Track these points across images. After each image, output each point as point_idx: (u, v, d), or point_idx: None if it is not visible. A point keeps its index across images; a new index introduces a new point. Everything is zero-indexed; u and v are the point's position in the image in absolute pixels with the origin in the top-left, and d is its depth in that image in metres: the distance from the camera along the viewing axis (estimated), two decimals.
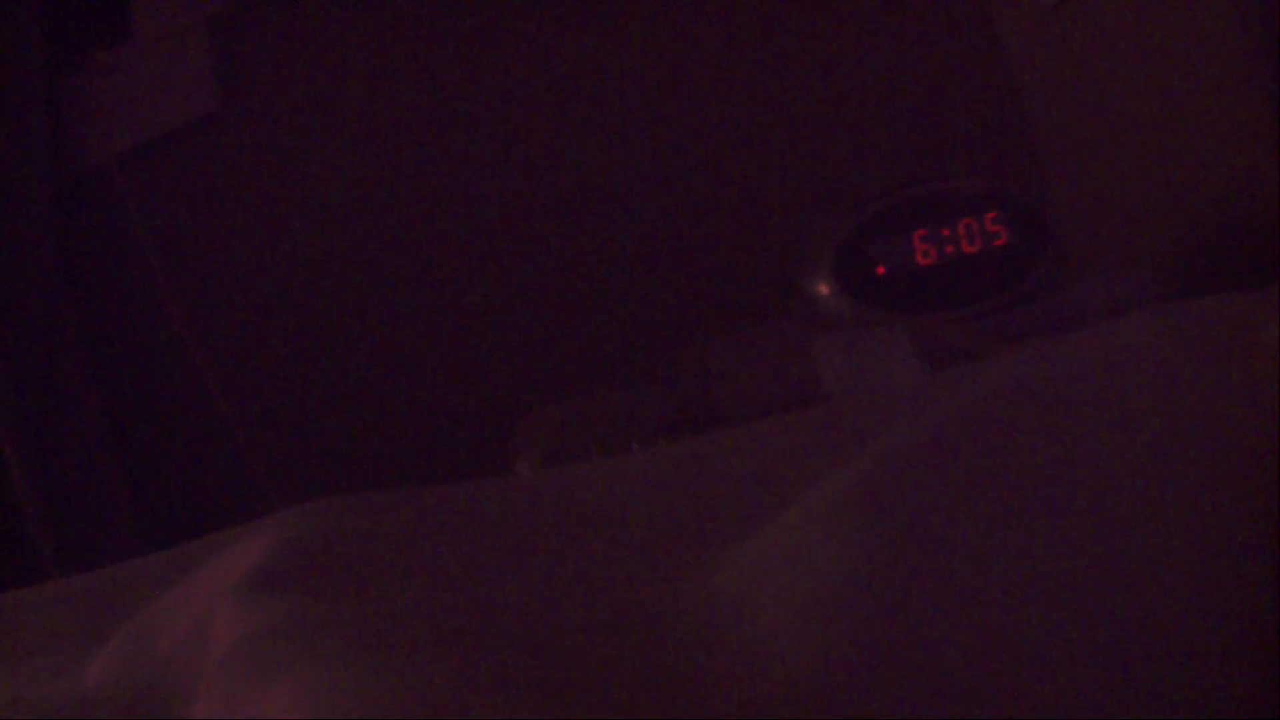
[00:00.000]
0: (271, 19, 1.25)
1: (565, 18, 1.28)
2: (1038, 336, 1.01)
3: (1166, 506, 0.50)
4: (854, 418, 0.66)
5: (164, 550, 0.71)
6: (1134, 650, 0.45)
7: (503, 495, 0.69)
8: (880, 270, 1.04)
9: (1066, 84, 1.30)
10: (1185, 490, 0.50)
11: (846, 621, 0.43)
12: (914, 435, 0.53)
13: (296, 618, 0.52)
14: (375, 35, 1.27)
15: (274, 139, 1.25)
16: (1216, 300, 0.67)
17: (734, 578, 0.49)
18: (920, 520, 0.47)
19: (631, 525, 0.61)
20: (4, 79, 1.20)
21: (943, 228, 1.04)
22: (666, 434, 0.93)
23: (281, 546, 0.59)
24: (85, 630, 0.63)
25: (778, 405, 0.91)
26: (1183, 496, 0.50)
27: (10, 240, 1.18)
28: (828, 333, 0.88)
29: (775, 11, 1.32)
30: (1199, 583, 0.47)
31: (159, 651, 0.57)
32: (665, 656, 0.44)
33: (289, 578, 0.56)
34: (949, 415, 0.55)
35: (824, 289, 1.03)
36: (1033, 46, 1.33)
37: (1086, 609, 0.46)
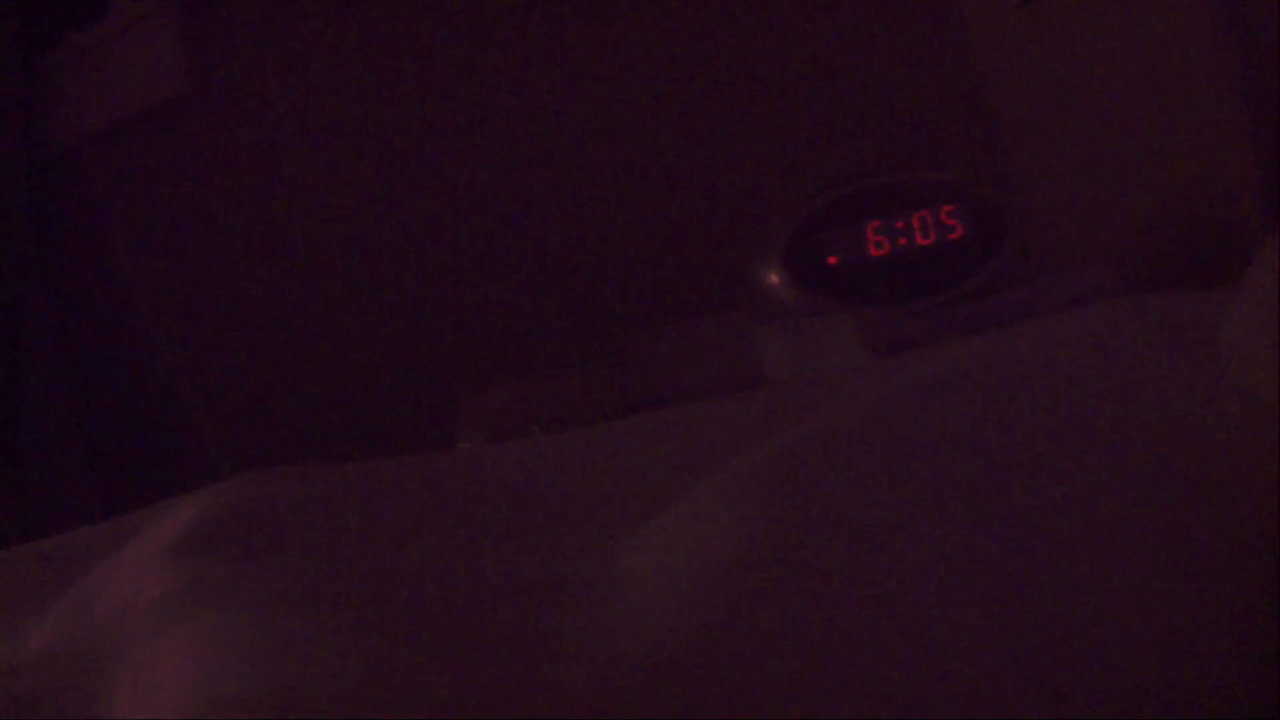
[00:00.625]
0: (242, 1, 1.26)
1: (529, 7, 1.28)
2: (992, 330, 1.00)
3: (1109, 498, 0.49)
4: (787, 402, 0.66)
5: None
6: (1057, 648, 0.44)
7: (436, 469, 0.69)
8: (831, 261, 1.03)
9: (1032, 80, 1.30)
10: (1132, 482, 0.49)
11: (721, 598, 0.42)
12: (832, 418, 0.52)
13: (207, 576, 0.52)
14: (344, 18, 1.27)
15: (242, 121, 1.25)
16: (1174, 295, 0.67)
17: (632, 551, 0.48)
18: (820, 503, 0.46)
19: (561, 501, 0.60)
20: None
21: (897, 219, 1.04)
22: (610, 416, 0.93)
23: (210, 512, 0.59)
24: (30, 598, 0.63)
25: (722, 393, 0.90)
26: (1129, 488, 0.49)
27: None
28: (772, 322, 0.87)
29: (740, 1, 1.31)
30: (1136, 574, 0.46)
31: (97, 616, 0.58)
32: (544, 624, 0.43)
33: (212, 541, 0.57)
34: (875, 400, 0.54)
35: (774, 278, 1.02)
36: (1000, 42, 1.33)
37: (1016, 604, 0.45)
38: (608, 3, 1.29)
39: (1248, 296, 0.58)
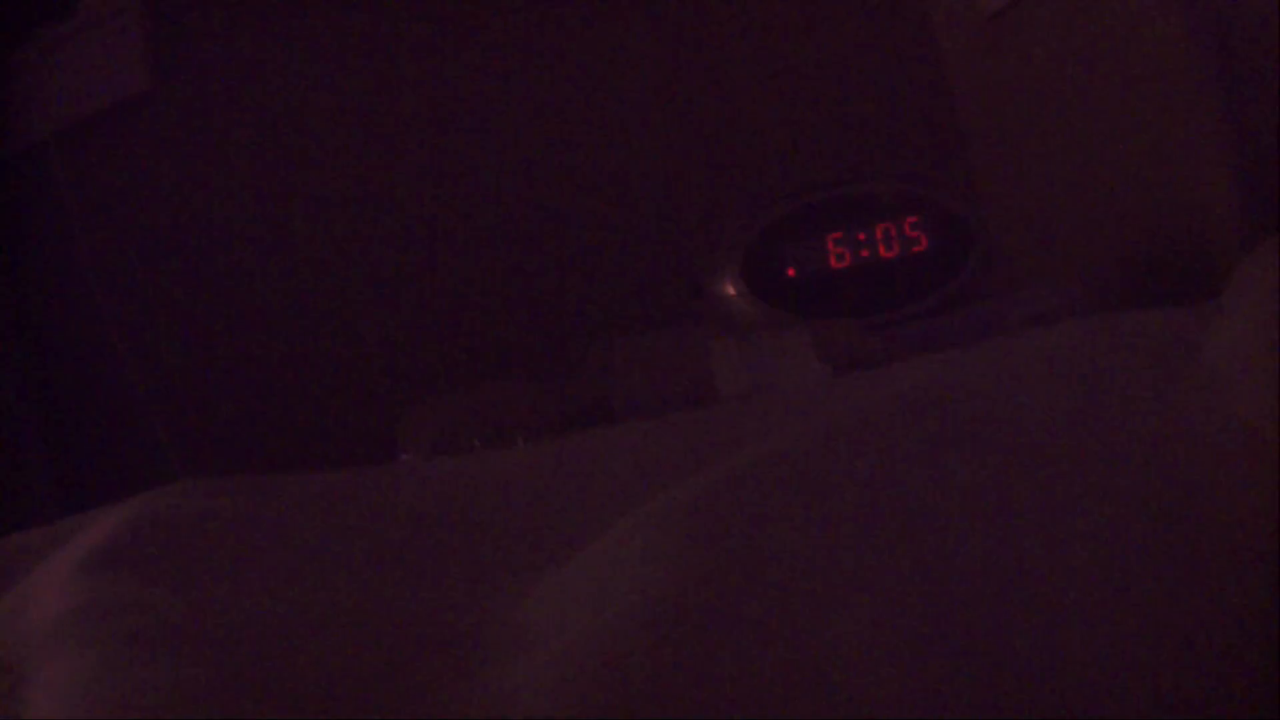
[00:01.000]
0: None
1: (485, 12, 1.26)
2: (956, 347, 0.97)
3: (1079, 532, 0.45)
4: (733, 425, 0.62)
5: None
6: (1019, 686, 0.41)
7: (367, 486, 0.66)
8: (790, 273, 0.99)
9: (1001, 92, 1.27)
10: (1107, 513, 0.46)
11: (625, 670, 0.38)
12: (771, 450, 0.48)
13: (103, 599, 0.51)
14: (307, 18, 1.25)
15: (204, 120, 1.23)
16: (1146, 313, 0.64)
17: (540, 601, 0.44)
18: (743, 557, 0.42)
19: (490, 528, 0.57)
20: None
21: (859, 231, 1.00)
22: (556, 431, 0.89)
23: (125, 527, 0.58)
24: None
25: (674, 408, 0.86)
26: (1103, 519, 0.46)
27: None
28: (726, 336, 0.83)
29: (702, 7, 1.28)
30: (1109, 621, 0.43)
31: (30, 623, 0.57)
32: (432, 680, 0.39)
33: (119, 559, 0.55)
34: (822, 427, 0.50)
35: (731, 290, 0.98)
36: (970, 54, 1.30)
37: (966, 662, 0.41)
38: (565, 8, 1.26)
39: (1233, 316, 0.54)
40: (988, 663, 0.41)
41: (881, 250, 1.00)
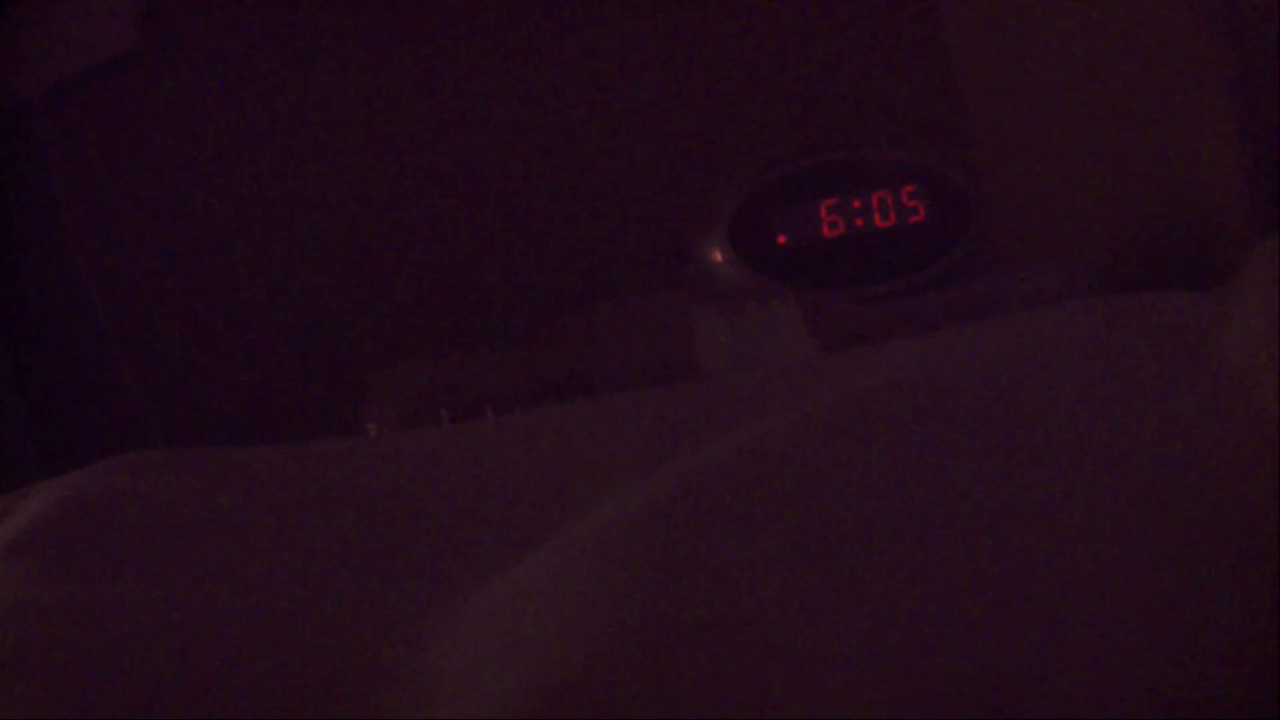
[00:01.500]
0: None
1: None
2: (951, 323, 0.92)
3: (1093, 528, 0.42)
4: (711, 406, 0.57)
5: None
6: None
7: (316, 463, 0.62)
8: (781, 240, 0.94)
9: (1005, 62, 1.23)
10: (1115, 510, 0.43)
11: (594, 685, 0.34)
12: (747, 439, 0.43)
13: (16, 590, 0.48)
14: None
15: (190, 79, 1.22)
16: (1152, 297, 0.60)
17: (459, 641, 0.40)
18: (717, 556, 0.38)
19: (436, 517, 0.53)
20: None
21: (854, 199, 0.95)
22: (529, 402, 0.84)
23: (51, 510, 0.55)
24: None
25: (656, 379, 0.82)
26: (1113, 516, 0.43)
27: None
28: (709, 306, 0.79)
29: None
30: (1134, 593, 0.41)
31: None
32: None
33: (41, 543, 0.52)
34: (803, 415, 0.46)
35: (718, 256, 0.93)
36: (972, 21, 1.26)
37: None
38: None
39: (1249, 307, 0.50)
40: (983, 668, 0.38)
41: (877, 219, 0.96)
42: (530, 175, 1.21)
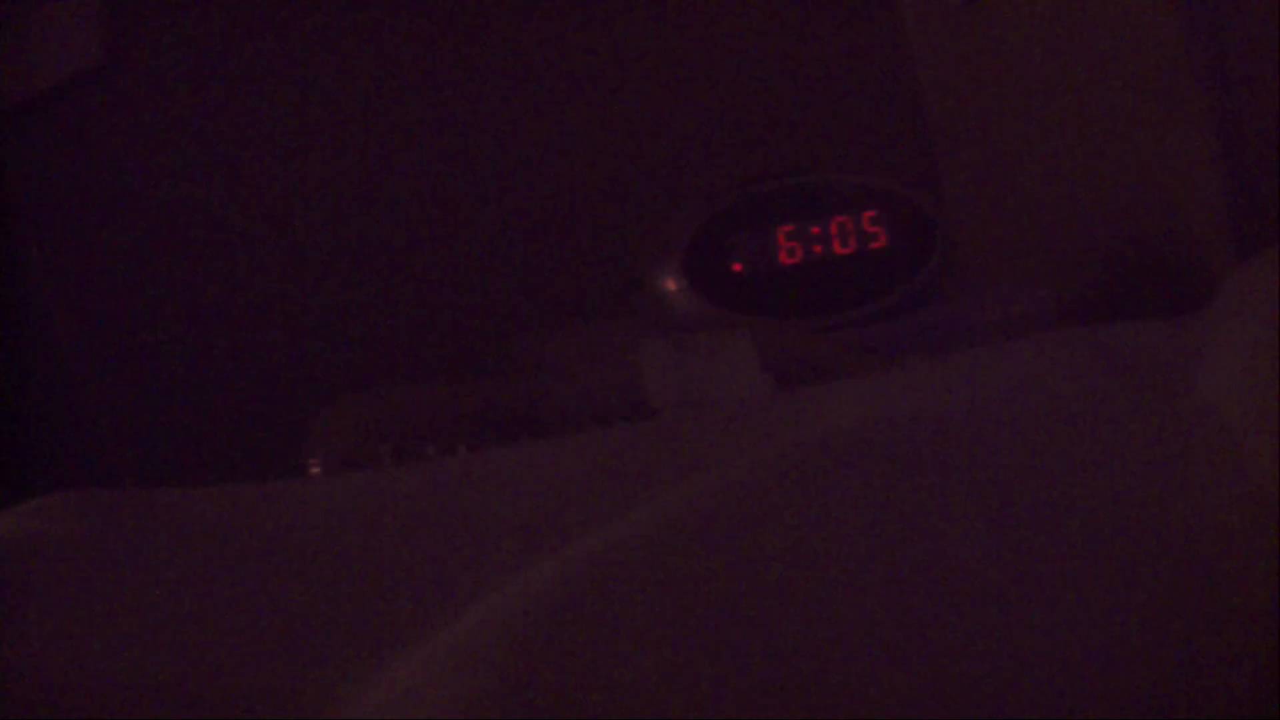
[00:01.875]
0: None
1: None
2: (914, 353, 0.89)
3: (1072, 593, 0.40)
4: (658, 451, 0.53)
5: None
6: None
7: (245, 510, 0.59)
8: (737, 268, 0.91)
9: (973, 83, 1.20)
10: (1096, 572, 0.40)
11: None
12: (693, 496, 0.40)
13: None
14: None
15: (157, 95, 1.19)
16: (1132, 328, 0.58)
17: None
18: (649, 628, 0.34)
19: (362, 577, 0.50)
20: None
21: (812, 224, 0.92)
22: (476, 440, 0.80)
23: None
24: None
25: (607, 413, 0.78)
26: (1093, 580, 0.40)
27: None
28: (658, 337, 0.75)
29: None
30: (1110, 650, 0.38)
31: None
32: None
33: None
34: (757, 466, 0.42)
35: (671, 285, 0.90)
36: (939, 42, 1.23)
37: None
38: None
39: (1228, 344, 0.47)
40: None
41: (836, 246, 0.92)
42: (477, 201, 1.17)
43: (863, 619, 0.37)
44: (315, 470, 0.89)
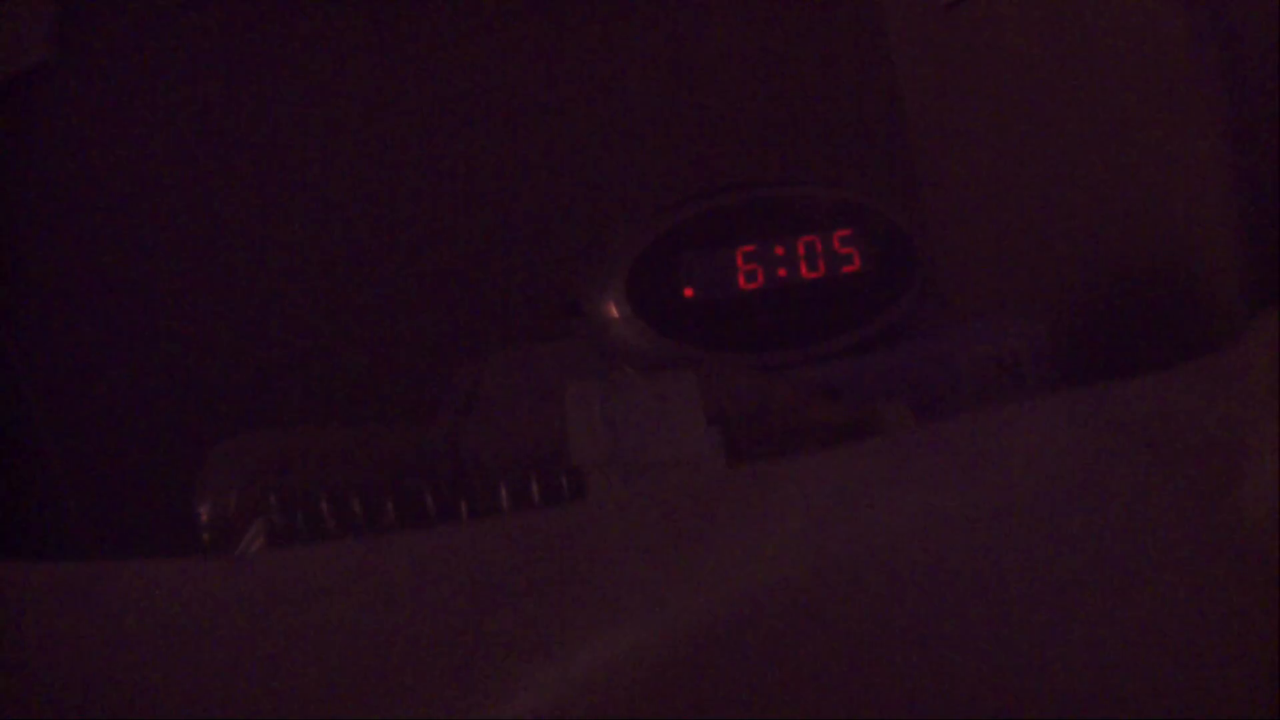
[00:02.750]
0: None
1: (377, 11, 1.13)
2: (890, 392, 0.78)
3: None
4: (564, 557, 0.43)
5: None
6: None
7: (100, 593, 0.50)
8: (689, 293, 0.79)
9: (958, 92, 1.11)
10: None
11: None
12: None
13: None
14: None
15: (107, 91, 1.15)
16: (1147, 389, 0.50)
17: None
18: None
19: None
20: None
21: (776, 245, 0.80)
22: (382, 492, 0.69)
23: None
24: None
25: (528, 459, 0.66)
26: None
27: None
28: (585, 378, 0.63)
29: None
30: None
31: None
32: None
33: None
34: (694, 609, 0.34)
35: (613, 312, 0.78)
36: (921, 46, 1.15)
37: None
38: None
39: (1265, 440, 0.40)
40: None
41: (804, 269, 0.81)
42: (398, 210, 1.07)
43: None
44: (205, 518, 0.78)
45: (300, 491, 0.69)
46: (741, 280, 0.79)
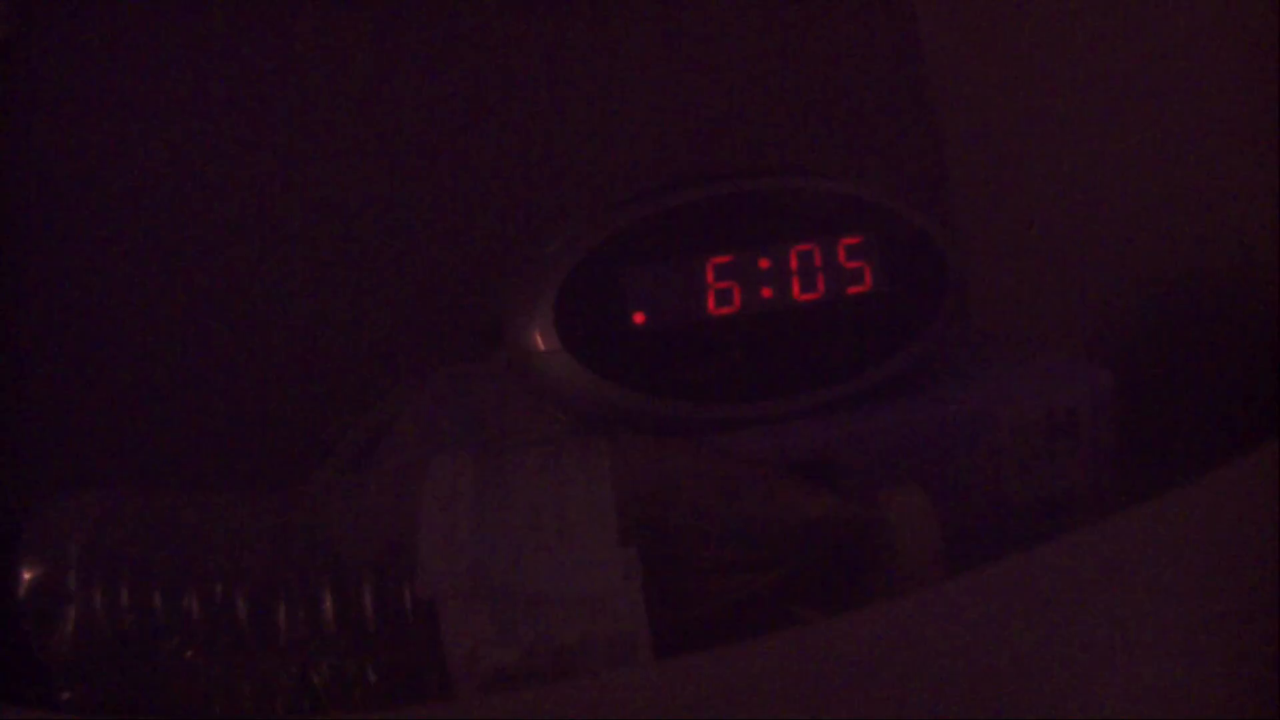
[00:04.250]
0: None
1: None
2: (904, 461, 0.59)
3: None
4: None
5: None
6: None
7: None
8: (638, 319, 0.59)
9: (994, 89, 0.95)
10: None
11: None
12: None
13: None
14: None
15: (66, 69, 1.06)
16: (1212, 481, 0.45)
17: None
18: None
19: None
20: None
21: (759, 256, 0.60)
22: (252, 557, 0.51)
23: None
24: None
25: (386, 555, 0.48)
26: None
27: None
28: (447, 450, 0.43)
29: None
30: None
31: None
32: None
33: None
34: None
35: (538, 343, 0.58)
36: (951, 32, 1.00)
37: None
38: None
39: None
40: None
41: (796, 289, 0.61)
42: (291, 215, 0.90)
43: None
44: (24, 593, 0.61)
45: (105, 574, 0.51)
46: (711, 303, 0.59)
